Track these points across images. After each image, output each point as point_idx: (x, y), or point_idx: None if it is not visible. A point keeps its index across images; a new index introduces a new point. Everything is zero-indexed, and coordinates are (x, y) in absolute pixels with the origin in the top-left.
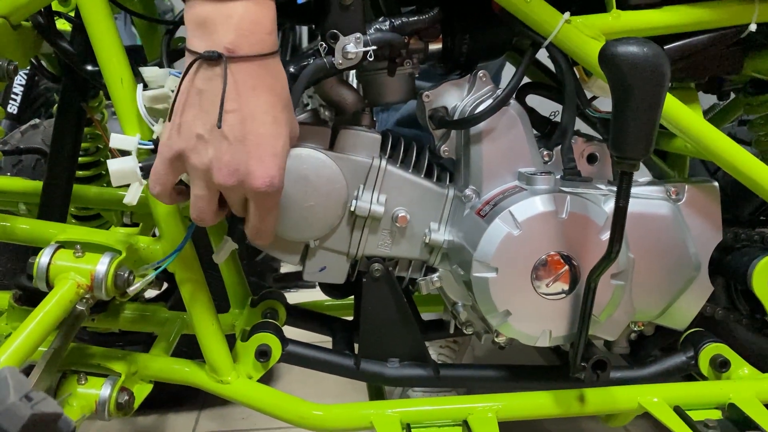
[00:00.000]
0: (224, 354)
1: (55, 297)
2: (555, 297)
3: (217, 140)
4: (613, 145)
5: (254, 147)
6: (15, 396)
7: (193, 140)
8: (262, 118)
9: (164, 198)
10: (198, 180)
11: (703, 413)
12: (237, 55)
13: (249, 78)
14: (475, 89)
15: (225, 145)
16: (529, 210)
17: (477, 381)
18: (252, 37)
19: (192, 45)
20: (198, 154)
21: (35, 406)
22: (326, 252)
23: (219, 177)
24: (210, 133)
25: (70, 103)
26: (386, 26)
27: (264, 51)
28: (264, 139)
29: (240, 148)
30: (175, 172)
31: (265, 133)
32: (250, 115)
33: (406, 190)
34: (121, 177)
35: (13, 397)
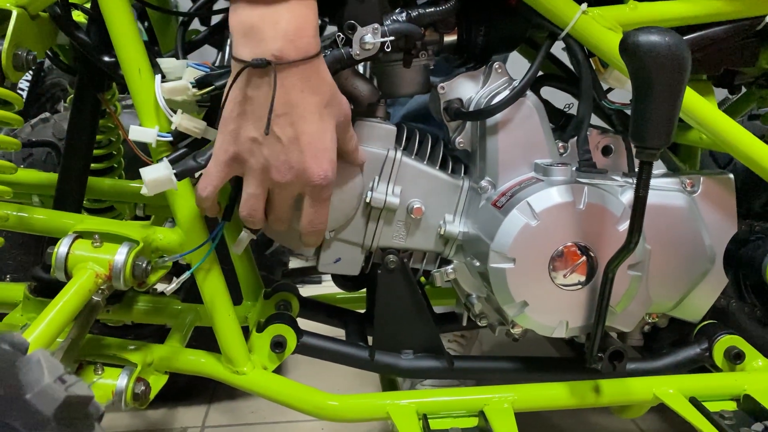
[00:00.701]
0: (240, 345)
1: (74, 286)
2: (572, 288)
3: (271, 143)
4: (633, 135)
5: (307, 145)
6: (50, 378)
7: (247, 143)
8: (310, 118)
9: (209, 201)
10: (253, 179)
11: (718, 404)
12: (285, 61)
13: (297, 82)
14: (491, 81)
15: (279, 147)
16: (547, 200)
17: (492, 372)
18: (298, 42)
19: (239, 53)
20: (254, 155)
21: (69, 388)
22: (341, 243)
23: (276, 175)
24: (264, 137)
25: (86, 95)
26: (403, 17)
27: (310, 54)
28: (314, 137)
29: (294, 147)
30: (226, 175)
31: (315, 131)
32: (299, 116)
33: (421, 181)
34: (156, 185)
35: (47, 379)
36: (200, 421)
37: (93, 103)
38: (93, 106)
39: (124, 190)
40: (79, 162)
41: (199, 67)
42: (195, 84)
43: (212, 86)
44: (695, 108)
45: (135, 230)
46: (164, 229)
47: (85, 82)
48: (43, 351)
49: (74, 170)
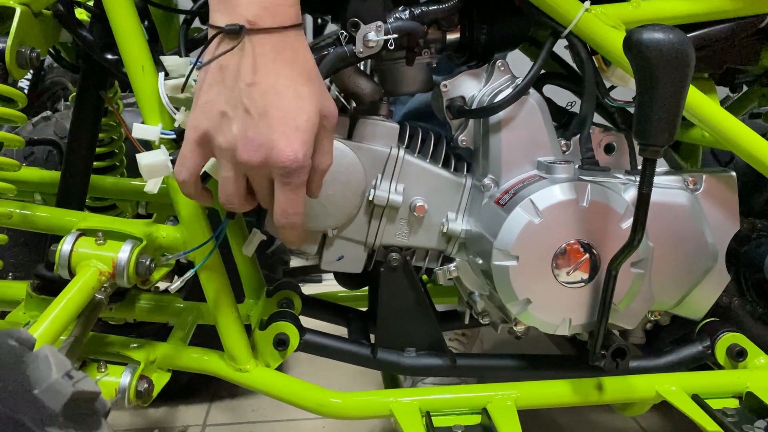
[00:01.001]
0: (243, 343)
1: (78, 284)
2: (575, 285)
3: (241, 116)
4: (637, 132)
5: (277, 121)
6: (57, 373)
7: (217, 119)
8: (283, 92)
9: (190, 186)
10: (225, 161)
11: (720, 402)
12: (258, 27)
13: (269, 51)
14: (494, 79)
15: (248, 121)
16: (550, 198)
17: (494, 370)
18: (274, 9)
19: (214, 20)
20: (223, 132)
21: (76, 384)
22: (344, 241)
23: (244, 154)
24: (234, 110)
25: (88, 93)
26: (406, 15)
27: (286, 23)
28: (287, 113)
29: (263, 122)
30: (201, 156)
31: (287, 107)
32: (271, 88)
33: (424, 179)
34: (152, 171)
35: (55, 375)
36: (201, 420)
37: (96, 101)
38: (96, 104)
39: (126, 188)
40: (81, 160)
41: (202, 64)
42: None
43: None
44: (698, 105)
45: (138, 228)
46: (167, 227)
47: (87, 79)
48: (50, 347)
49: (77, 168)
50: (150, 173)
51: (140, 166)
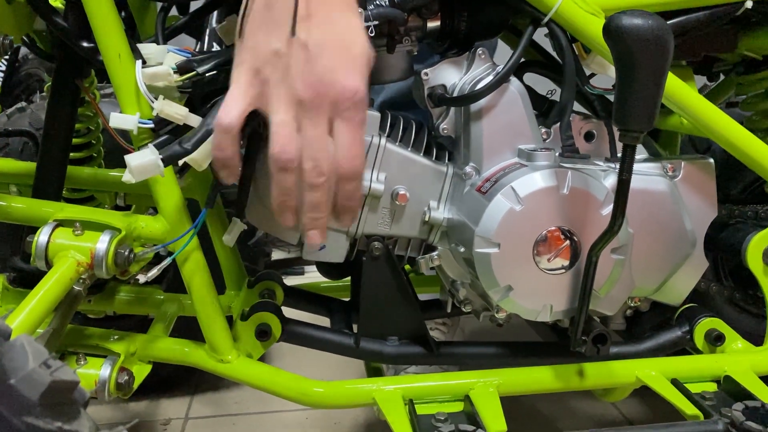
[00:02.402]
0: (225, 333)
1: (56, 275)
2: (556, 272)
3: (296, 51)
4: (617, 118)
5: (336, 53)
6: (34, 362)
7: (269, 57)
8: (338, 22)
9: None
10: (278, 102)
11: (699, 386)
12: None
13: None
14: (474, 67)
15: (304, 55)
16: (531, 185)
17: (476, 358)
18: None
19: None
20: (276, 69)
21: (54, 373)
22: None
23: (304, 90)
24: (287, 46)
25: (64, 82)
26: (386, 2)
27: None
28: (343, 44)
29: (321, 54)
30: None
31: (343, 38)
32: (326, 18)
33: (406, 168)
34: (143, 171)
35: (32, 364)
36: (183, 413)
37: (72, 90)
38: (72, 94)
39: (104, 179)
40: (58, 151)
41: (180, 52)
42: (176, 69)
43: (194, 72)
44: (676, 92)
45: (117, 218)
46: (147, 218)
47: (63, 68)
48: (26, 336)
49: (53, 159)
50: (141, 174)
51: (131, 167)
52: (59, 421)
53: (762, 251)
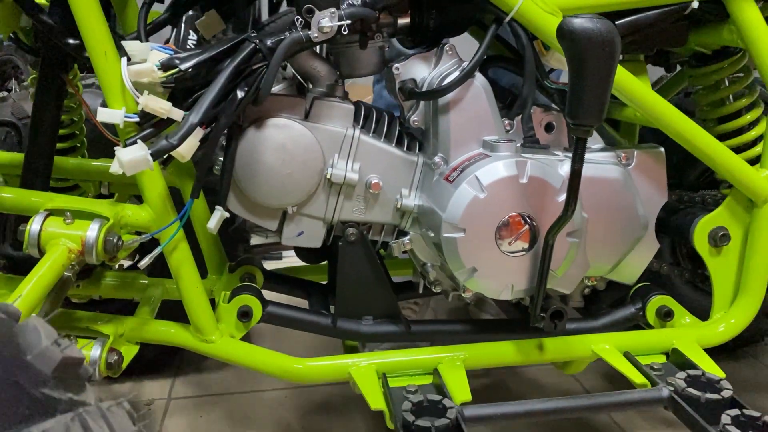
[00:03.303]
0: (208, 315)
1: (48, 261)
2: (516, 254)
3: None
4: (569, 113)
5: None
6: (47, 341)
7: None
8: None
9: None
10: None
11: (649, 358)
12: None
13: None
14: (442, 62)
15: None
16: (493, 174)
17: (445, 334)
18: None
19: None
20: None
21: (64, 350)
22: (304, 218)
23: None
24: None
25: (50, 76)
26: (358, 1)
27: None
28: None
29: None
30: None
31: None
32: None
33: (379, 158)
34: (133, 165)
35: (45, 342)
36: (166, 393)
37: (57, 83)
38: (57, 87)
39: (89, 169)
40: (45, 142)
41: (163, 49)
42: (160, 66)
43: (176, 69)
44: (627, 87)
45: (105, 207)
46: (132, 206)
47: (48, 63)
48: (36, 317)
49: (40, 150)
50: (132, 168)
51: (122, 162)
52: (70, 393)
53: (707, 233)
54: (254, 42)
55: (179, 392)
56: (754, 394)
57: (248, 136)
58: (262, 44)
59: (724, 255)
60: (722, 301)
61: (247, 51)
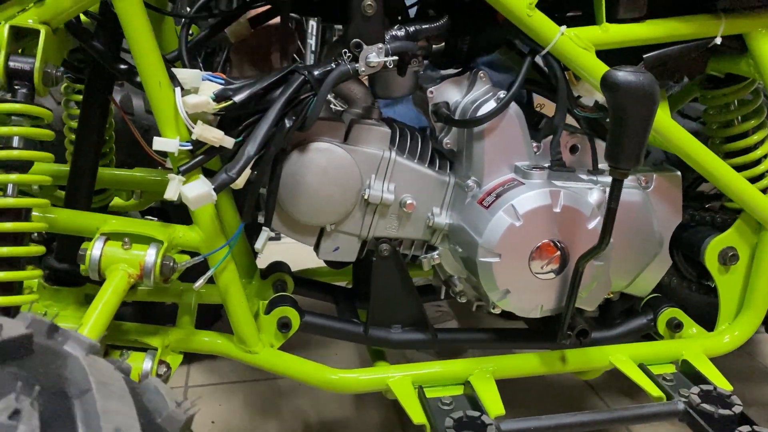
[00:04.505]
0: (252, 328)
1: (110, 287)
2: (547, 277)
3: None
4: (609, 156)
5: None
6: (171, 404)
7: None
8: None
9: None
10: None
11: (660, 368)
12: None
13: None
14: (476, 88)
15: None
16: (529, 204)
17: (469, 342)
18: None
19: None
20: None
21: (186, 411)
22: (340, 234)
23: None
24: None
25: (95, 97)
26: (402, 34)
27: None
28: None
29: None
30: None
31: None
32: None
33: (413, 178)
34: (198, 201)
35: (170, 405)
36: (183, 381)
37: (102, 105)
38: (102, 108)
39: (123, 179)
40: (89, 162)
41: (214, 79)
42: (214, 98)
43: (231, 101)
44: None
45: (158, 230)
46: (183, 228)
47: (94, 84)
48: (155, 379)
49: (84, 169)
50: (197, 203)
51: (188, 199)
52: None
53: (717, 253)
54: (303, 74)
55: (196, 380)
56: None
57: (292, 160)
58: (310, 75)
59: (731, 272)
60: (727, 313)
61: (297, 82)
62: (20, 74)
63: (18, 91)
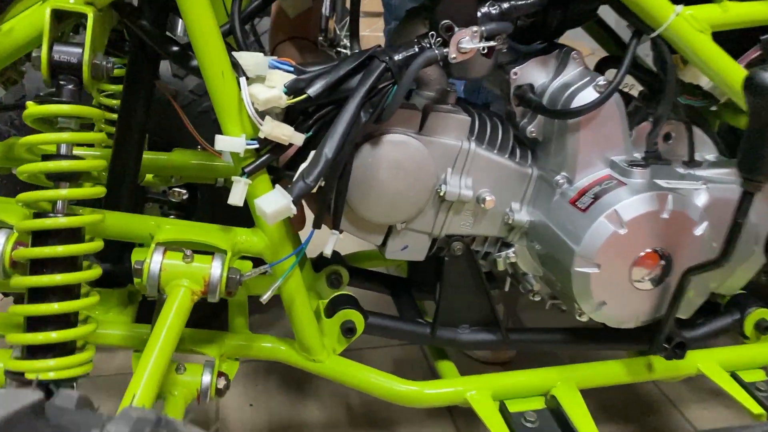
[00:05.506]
0: (316, 336)
1: (173, 307)
2: (645, 287)
3: None
4: (743, 166)
5: None
6: None
7: None
8: None
9: None
10: None
11: (750, 374)
12: None
13: None
14: (567, 70)
15: None
16: (635, 209)
17: (543, 344)
18: None
19: None
20: None
21: None
22: (410, 232)
23: None
24: None
25: (139, 82)
26: (495, 11)
27: None
28: None
29: None
30: None
31: None
32: None
33: (492, 171)
34: (277, 216)
35: None
36: None
37: (147, 90)
38: (146, 96)
39: (162, 164)
40: (132, 156)
41: (281, 65)
42: (286, 91)
43: (305, 95)
44: None
45: (219, 237)
46: (244, 231)
47: (138, 68)
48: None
49: (128, 165)
50: (275, 218)
51: (265, 214)
52: None
53: None
54: (384, 60)
55: None
56: None
57: (363, 154)
58: (391, 62)
59: None
60: None
61: (378, 71)
62: (67, 68)
63: (64, 88)
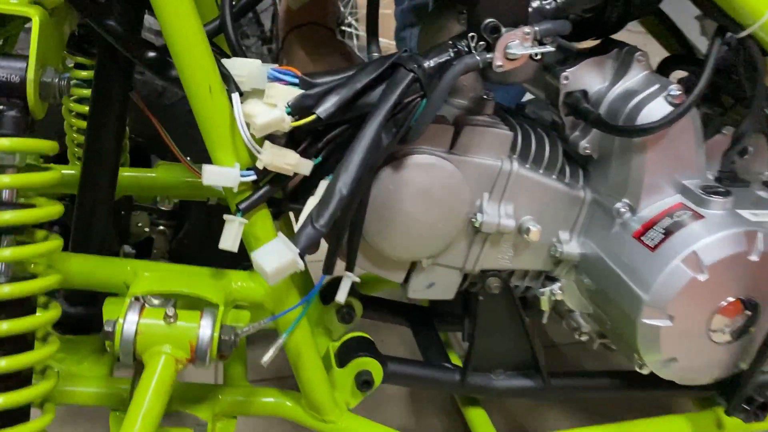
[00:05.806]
0: (327, 393)
1: (152, 383)
2: (725, 339)
3: None
4: None
5: None
6: None
7: None
8: None
9: None
10: None
11: None
12: None
13: None
14: (630, 74)
15: None
16: (719, 252)
17: (589, 390)
18: None
19: None
20: None
21: None
22: (437, 267)
23: None
24: None
25: (109, 96)
26: (549, 6)
27: None
28: None
29: None
30: None
31: None
32: None
33: (537, 195)
34: (281, 273)
35: None
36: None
37: (120, 105)
38: (119, 109)
39: (144, 183)
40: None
41: (281, 75)
42: (290, 111)
43: (313, 116)
44: None
45: (211, 288)
46: (239, 274)
47: (107, 76)
48: None
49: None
50: (277, 277)
51: (266, 273)
52: None
53: None
54: (411, 69)
55: None
56: None
57: (383, 180)
58: (420, 71)
59: None
60: None
61: (405, 83)
62: (6, 88)
63: (3, 115)
